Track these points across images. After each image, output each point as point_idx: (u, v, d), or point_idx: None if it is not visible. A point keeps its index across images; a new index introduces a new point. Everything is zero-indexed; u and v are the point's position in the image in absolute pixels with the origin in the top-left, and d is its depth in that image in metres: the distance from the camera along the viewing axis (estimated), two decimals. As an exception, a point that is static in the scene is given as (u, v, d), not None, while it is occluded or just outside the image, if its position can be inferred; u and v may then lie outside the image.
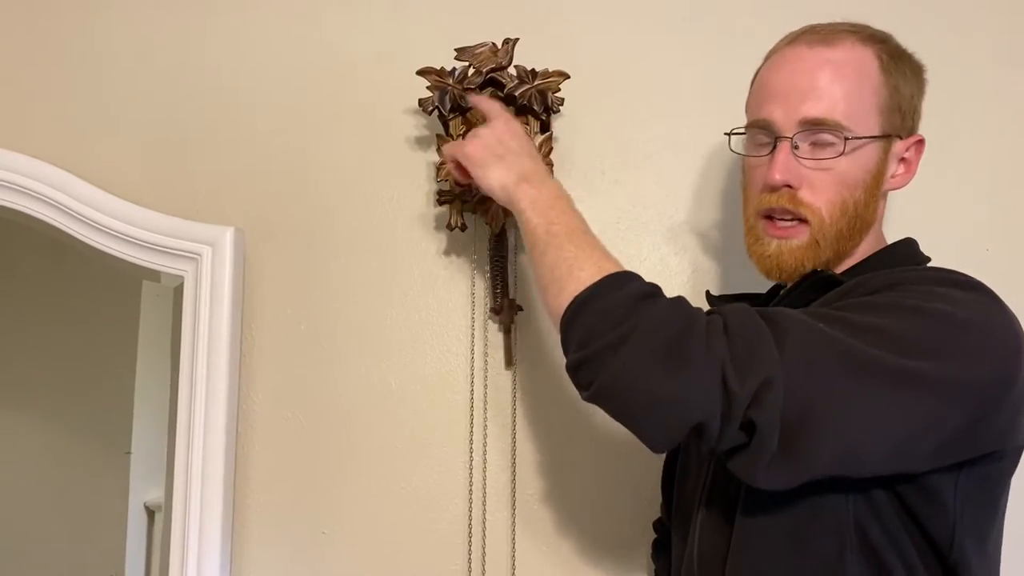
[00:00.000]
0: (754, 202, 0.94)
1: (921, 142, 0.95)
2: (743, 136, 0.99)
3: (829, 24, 0.94)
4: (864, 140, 0.89)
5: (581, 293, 0.81)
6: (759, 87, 0.96)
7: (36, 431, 2.32)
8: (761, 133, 0.94)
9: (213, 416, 1.24)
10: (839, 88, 0.89)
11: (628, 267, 1.27)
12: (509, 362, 1.28)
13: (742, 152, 0.98)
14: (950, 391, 0.76)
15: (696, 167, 1.31)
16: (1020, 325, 0.82)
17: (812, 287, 0.91)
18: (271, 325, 1.31)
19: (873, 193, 0.92)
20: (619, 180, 1.32)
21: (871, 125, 0.90)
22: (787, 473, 0.75)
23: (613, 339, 0.76)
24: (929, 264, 0.95)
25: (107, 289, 2.12)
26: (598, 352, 0.78)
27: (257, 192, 1.33)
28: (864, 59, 0.91)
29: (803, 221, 0.90)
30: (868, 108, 0.90)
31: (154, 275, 1.34)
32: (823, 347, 0.75)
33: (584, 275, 0.83)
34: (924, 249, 0.97)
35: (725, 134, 1.01)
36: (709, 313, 0.79)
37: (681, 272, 1.30)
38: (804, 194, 0.90)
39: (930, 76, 0.98)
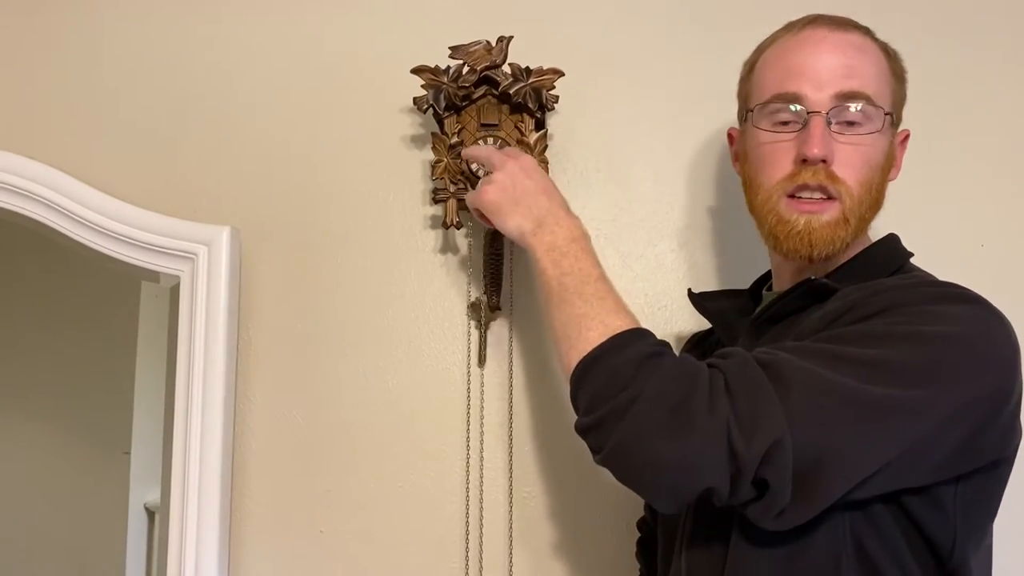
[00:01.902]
0: (780, 181, 0.91)
1: (907, 137, 0.97)
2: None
3: (832, 15, 0.95)
4: (890, 122, 0.91)
5: (588, 354, 0.82)
6: (775, 67, 0.94)
7: (36, 432, 2.32)
8: (784, 110, 0.91)
9: (210, 416, 1.24)
10: (867, 69, 0.90)
11: (624, 265, 1.30)
12: (481, 360, 1.28)
13: (760, 127, 0.94)
14: (951, 414, 0.76)
15: (691, 163, 1.31)
16: (1014, 335, 0.81)
17: (804, 294, 0.90)
18: (267, 324, 1.31)
19: (886, 177, 0.94)
20: (614, 177, 1.32)
21: (889, 109, 0.92)
22: (799, 515, 0.76)
23: (618, 405, 0.77)
24: (912, 260, 0.95)
25: (106, 290, 2.12)
26: (604, 418, 0.78)
27: (253, 192, 1.33)
28: (876, 48, 0.93)
29: (832, 198, 0.89)
30: (887, 93, 0.92)
31: (152, 276, 1.34)
32: (827, 396, 0.74)
33: (592, 334, 0.83)
34: (921, 244, 0.97)
35: (748, 110, 0.97)
36: (710, 365, 0.79)
37: (677, 268, 1.30)
38: (837, 170, 0.89)
39: (925, 73, 0.99)
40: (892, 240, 0.97)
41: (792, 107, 0.90)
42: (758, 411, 0.73)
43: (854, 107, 0.89)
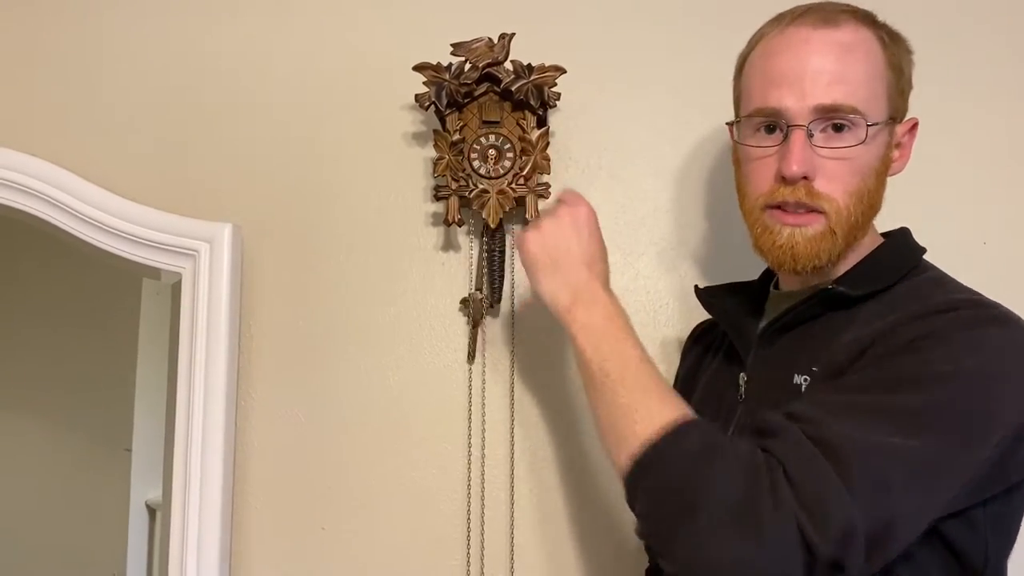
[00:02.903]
0: (762, 195, 0.89)
1: (916, 125, 0.93)
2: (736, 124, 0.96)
3: (823, 3, 0.91)
4: (879, 126, 0.87)
5: (641, 454, 0.78)
6: (759, 73, 0.91)
7: (37, 429, 2.32)
8: (767, 122, 0.89)
9: (211, 413, 1.24)
10: (852, 72, 0.86)
11: (626, 263, 1.30)
12: (471, 356, 1.28)
13: (744, 143, 0.93)
14: (994, 447, 0.77)
15: (693, 160, 1.31)
16: None
17: (821, 303, 0.89)
18: (269, 321, 1.31)
19: (882, 180, 0.90)
20: (616, 174, 1.32)
21: (882, 110, 0.88)
22: (867, 573, 0.75)
23: (678, 510, 0.75)
24: (924, 257, 0.94)
25: (107, 287, 2.13)
26: (666, 525, 0.76)
27: (255, 189, 1.33)
28: (869, 40, 0.88)
29: (818, 211, 0.87)
30: (879, 92, 0.88)
31: (154, 273, 1.34)
32: (886, 465, 0.73)
33: (641, 428, 0.79)
34: (923, 242, 0.96)
35: (727, 124, 0.97)
36: (763, 449, 0.76)
37: (680, 266, 1.30)
38: (820, 184, 0.86)
39: (927, 69, 0.97)
40: (903, 236, 0.95)
41: (770, 122, 0.89)
42: (824, 498, 0.71)
43: (838, 121, 0.86)
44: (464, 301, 1.28)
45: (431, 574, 1.27)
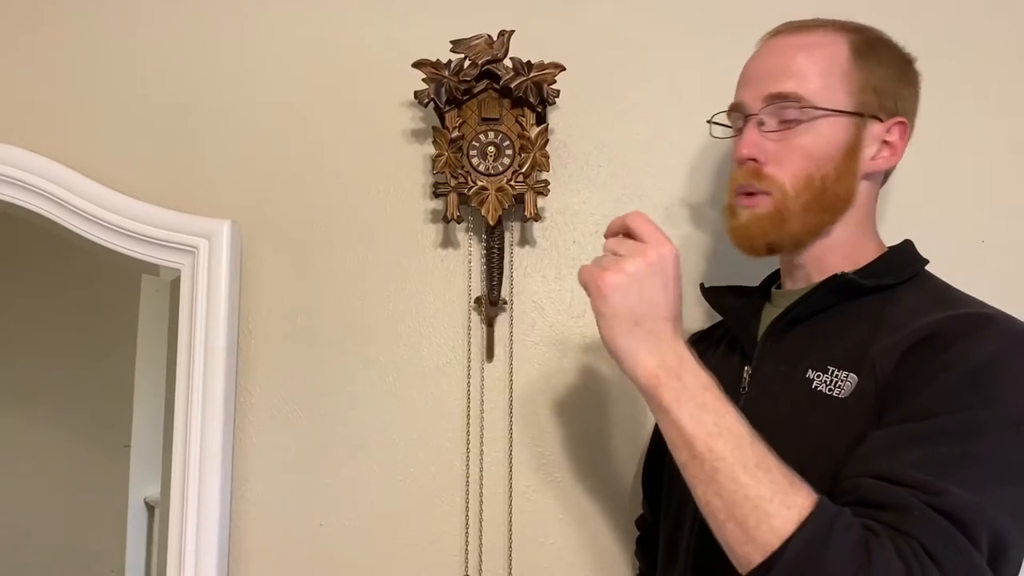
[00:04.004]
0: (730, 180, 0.98)
1: (903, 124, 0.95)
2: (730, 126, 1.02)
3: (813, 18, 0.97)
4: (826, 112, 0.91)
5: (785, 554, 0.72)
6: (740, 76, 0.99)
7: (35, 425, 2.32)
8: (736, 116, 0.98)
9: (210, 409, 1.24)
10: (805, 66, 0.92)
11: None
12: (490, 356, 1.28)
13: (722, 137, 1.03)
14: None
15: (692, 157, 1.31)
16: None
17: (832, 291, 0.91)
18: (268, 318, 1.31)
19: (845, 169, 0.92)
20: (615, 172, 1.32)
21: (838, 102, 0.92)
22: None
23: None
24: (931, 273, 0.95)
25: (106, 283, 2.12)
26: None
27: (254, 185, 1.34)
28: (835, 43, 0.93)
29: (766, 193, 0.93)
30: (835, 85, 0.92)
31: (153, 269, 1.34)
32: (1000, 519, 0.74)
33: (779, 523, 0.72)
34: (922, 240, 0.98)
35: (707, 121, 1.05)
36: (891, 526, 0.73)
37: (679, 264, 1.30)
38: (769, 168, 0.92)
39: (926, 69, 0.98)
40: (908, 246, 0.98)
41: (737, 116, 0.97)
42: (969, 572, 0.72)
43: (787, 108, 0.91)
44: (479, 300, 1.28)
45: (430, 570, 1.27)
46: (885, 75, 0.94)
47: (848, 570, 0.70)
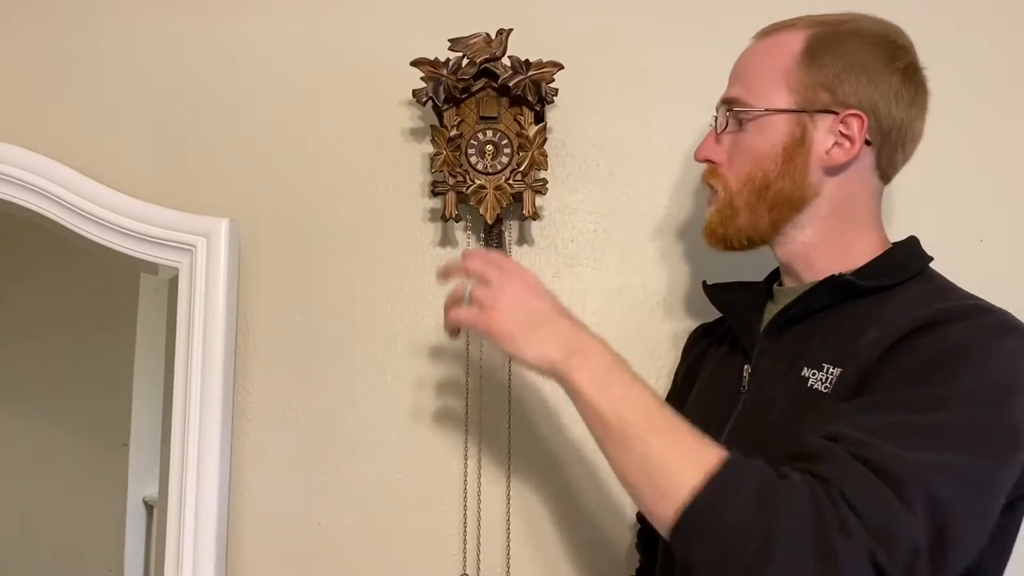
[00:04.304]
0: None
1: (858, 117, 0.92)
2: None
3: (784, 20, 0.99)
4: (762, 112, 0.94)
5: (693, 504, 0.75)
6: None
7: (33, 424, 2.32)
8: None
9: (208, 409, 1.24)
10: (751, 70, 0.97)
11: (623, 259, 1.30)
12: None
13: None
14: (1018, 461, 0.78)
15: (690, 156, 1.30)
16: None
17: (829, 292, 0.91)
18: (266, 317, 1.31)
19: (789, 167, 0.94)
20: (613, 171, 1.32)
21: (775, 101, 0.94)
22: None
23: (755, 552, 0.72)
24: (935, 272, 0.95)
25: (105, 282, 2.12)
26: (743, 569, 0.73)
27: (252, 184, 1.33)
28: (788, 42, 0.95)
29: (716, 192, 1.00)
30: (775, 85, 0.94)
31: (151, 268, 1.34)
32: (937, 482, 0.73)
33: (686, 477, 0.75)
34: (920, 239, 0.97)
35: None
36: (813, 475, 0.75)
37: (676, 263, 1.30)
38: (723, 168, 0.99)
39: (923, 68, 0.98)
40: (912, 243, 0.97)
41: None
42: (889, 523, 0.72)
43: (730, 109, 0.97)
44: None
45: (428, 570, 1.27)
46: (841, 69, 0.93)
47: (753, 510, 0.73)
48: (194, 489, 1.23)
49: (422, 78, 1.20)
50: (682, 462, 0.77)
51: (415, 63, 1.20)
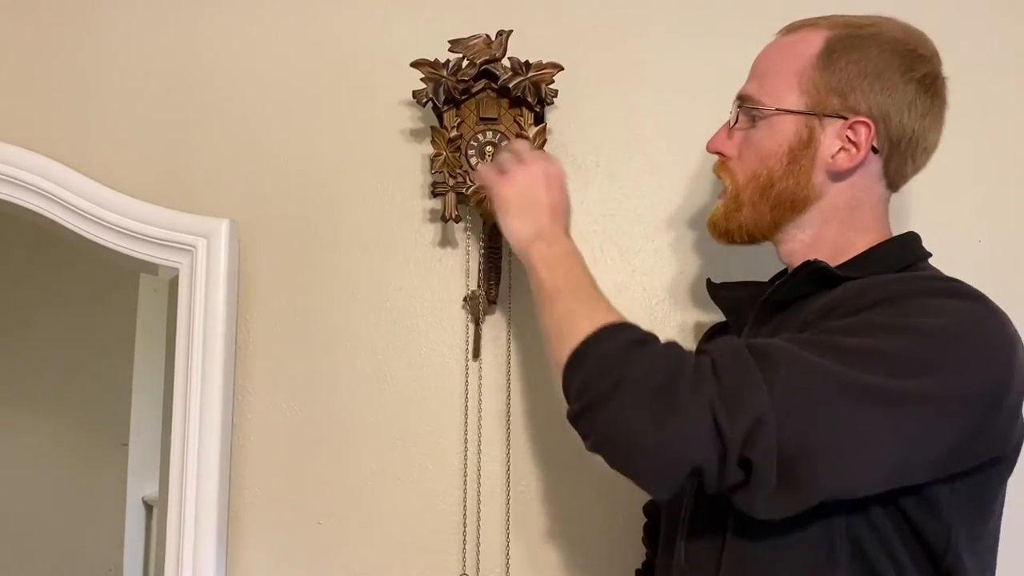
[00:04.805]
0: None
1: (866, 125, 0.92)
2: None
3: (807, 19, 0.97)
4: (773, 112, 0.94)
5: (578, 346, 0.83)
6: None
7: (34, 424, 2.32)
8: None
9: (208, 408, 1.24)
10: (768, 67, 0.97)
11: (622, 259, 1.30)
12: (476, 354, 1.28)
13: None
14: (945, 406, 0.76)
15: (690, 158, 1.31)
16: (1014, 330, 0.82)
17: (806, 279, 0.91)
18: (266, 317, 1.32)
19: (793, 167, 0.94)
20: (613, 172, 1.32)
21: (787, 102, 0.94)
22: (787, 505, 0.76)
23: (604, 389, 0.78)
24: (928, 261, 0.95)
25: (105, 282, 2.12)
26: (591, 403, 0.79)
27: (252, 184, 1.34)
28: (807, 41, 0.94)
29: (725, 187, 1.00)
30: (789, 85, 0.94)
31: (151, 268, 1.35)
32: (813, 378, 0.75)
33: (582, 327, 0.84)
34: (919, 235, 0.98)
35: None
36: (699, 353, 0.80)
37: (675, 263, 1.31)
38: (732, 163, 0.99)
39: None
40: (909, 237, 0.97)
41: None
42: (742, 391, 0.74)
43: (743, 105, 0.97)
44: (467, 299, 1.28)
45: (427, 568, 1.27)
46: (854, 74, 0.92)
47: (618, 355, 0.80)
48: (194, 489, 1.23)
49: (422, 79, 1.21)
50: (584, 318, 0.85)
51: (415, 64, 1.21)
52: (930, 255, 0.96)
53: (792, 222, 0.96)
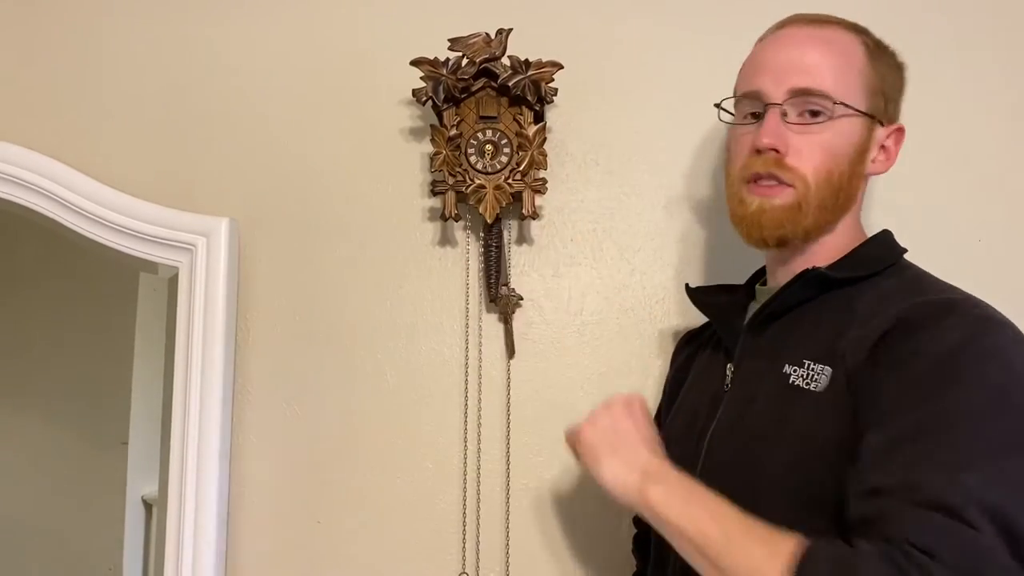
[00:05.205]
0: (739, 168, 0.96)
1: (901, 131, 0.97)
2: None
3: (816, 13, 0.97)
4: (851, 111, 0.92)
5: None
6: (750, 63, 0.99)
7: (33, 423, 2.32)
8: (750, 103, 0.96)
9: (208, 407, 1.24)
10: (828, 62, 0.92)
11: (622, 258, 1.30)
12: (511, 353, 1.28)
13: (730, 123, 1.00)
14: None
15: (690, 157, 1.31)
16: None
17: (806, 285, 0.92)
18: (266, 315, 1.31)
19: (856, 169, 0.94)
20: (613, 170, 1.32)
21: (856, 100, 0.92)
22: None
23: None
24: (907, 255, 0.95)
25: (104, 281, 2.12)
26: None
27: (252, 183, 1.34)
28: (851, 42, 0.94)
29: (788, 184, 0.92)
30: (855, 84, 0.92)
31: (151, 267, 1.35)
32: (992, 494, 0.73)
33: (769, 572, 0.75)
34: (918, 239, 0.98)
35: (715, 105, 1.02)
36: (883, 537, 0.73)
37: (675, 262, 1.31)
38: (791, 160, 0.92)
39: (922, 69, 0.99)
40: (886, 236, 0.98)
41: (753, 104, 0.95)
42: (967, 554, 0.70)
43: (812, 106, 0.91)
44: (492, 299, 1.28)
45: (427, 568, 1.27)
46: (891, 79, 0.95)
47: None
48: (194, 488, 1.23)
49: (422, 78, 1.21)
50: (762, 562, 0.76)
51: (415, 63, 1.20)
52: (906, 250, 0.96)
53: (833, 225, 0.95)
